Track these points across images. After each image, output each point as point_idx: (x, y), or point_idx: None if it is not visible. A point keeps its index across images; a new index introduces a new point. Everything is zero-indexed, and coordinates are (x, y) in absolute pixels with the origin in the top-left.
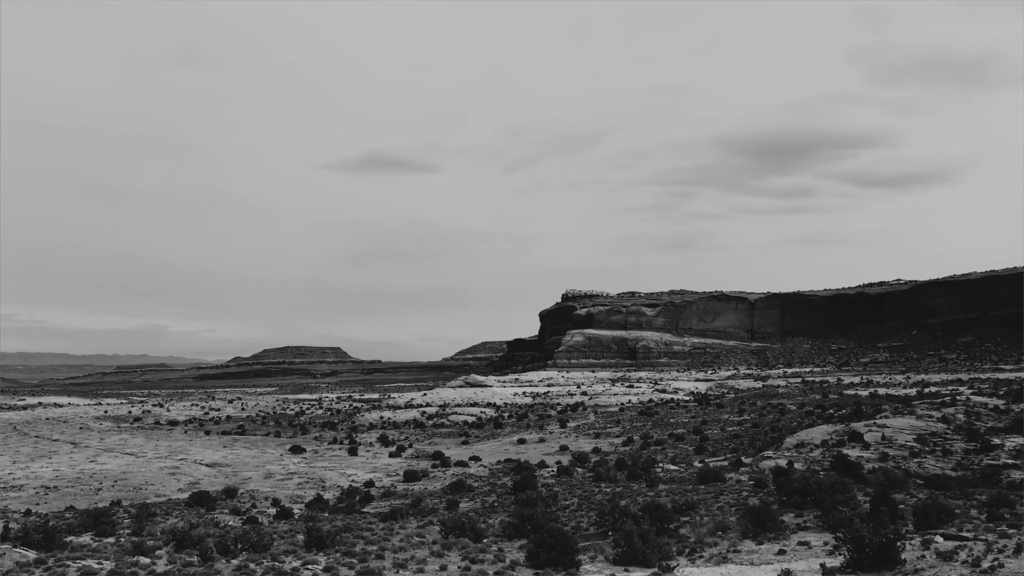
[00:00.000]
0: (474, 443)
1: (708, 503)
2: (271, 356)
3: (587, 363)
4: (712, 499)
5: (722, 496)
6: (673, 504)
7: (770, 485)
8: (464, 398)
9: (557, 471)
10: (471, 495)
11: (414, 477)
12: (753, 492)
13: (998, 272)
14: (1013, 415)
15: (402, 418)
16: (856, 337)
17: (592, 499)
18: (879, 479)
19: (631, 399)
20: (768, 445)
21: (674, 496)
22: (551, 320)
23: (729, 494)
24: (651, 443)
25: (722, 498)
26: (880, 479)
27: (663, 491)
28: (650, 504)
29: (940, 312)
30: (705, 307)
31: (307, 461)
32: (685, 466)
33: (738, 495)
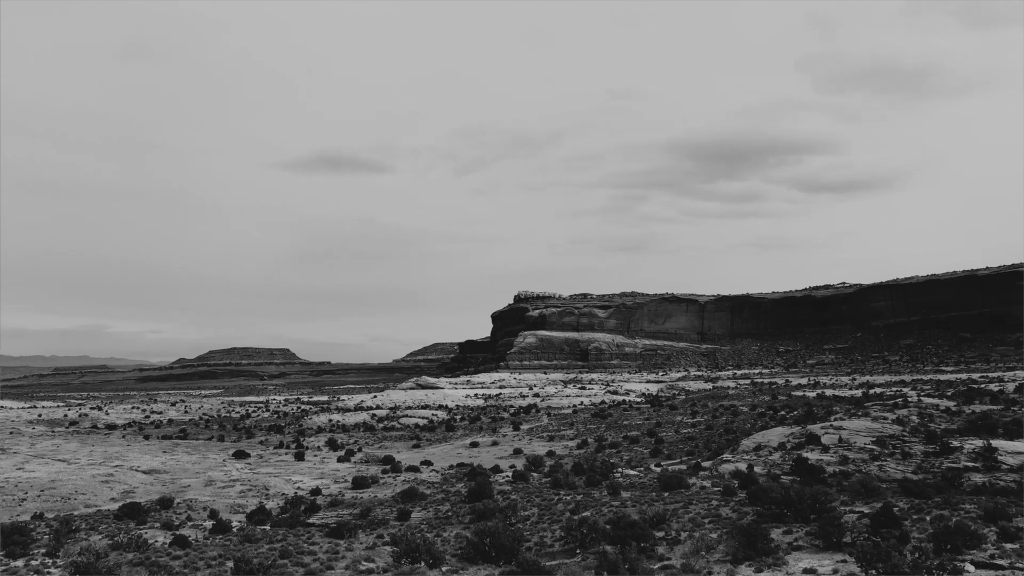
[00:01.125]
0: (426, 447)
1: (679, 514)
2: (217, 357)
3: (539, 365)
4: (681, 509)
5: (691, 506)
6: (642, 516)
7: (738, 493)
8: (415, 400)
9: (512, 476)
10: (423, 503)
11: (363, 484)
12: (723, 501)
13: (939, 276)
14: (965, 417)
15: (352, 421)
16: (803, 339)
17: (553, 509)
18: (855, 487)
19: (583, 401)
20: (724, 447)
21: (640, 506)
22: (503, 321)
23: (698, 503)
24: (606, 446)
25: (692, 508)
26: (857, 487)
27: (627, 500)
28: (620, 518)
29: (883, 315)
30: (656, 309)
31: (251, 467)
32: (644, 470)
33: (708, 505)
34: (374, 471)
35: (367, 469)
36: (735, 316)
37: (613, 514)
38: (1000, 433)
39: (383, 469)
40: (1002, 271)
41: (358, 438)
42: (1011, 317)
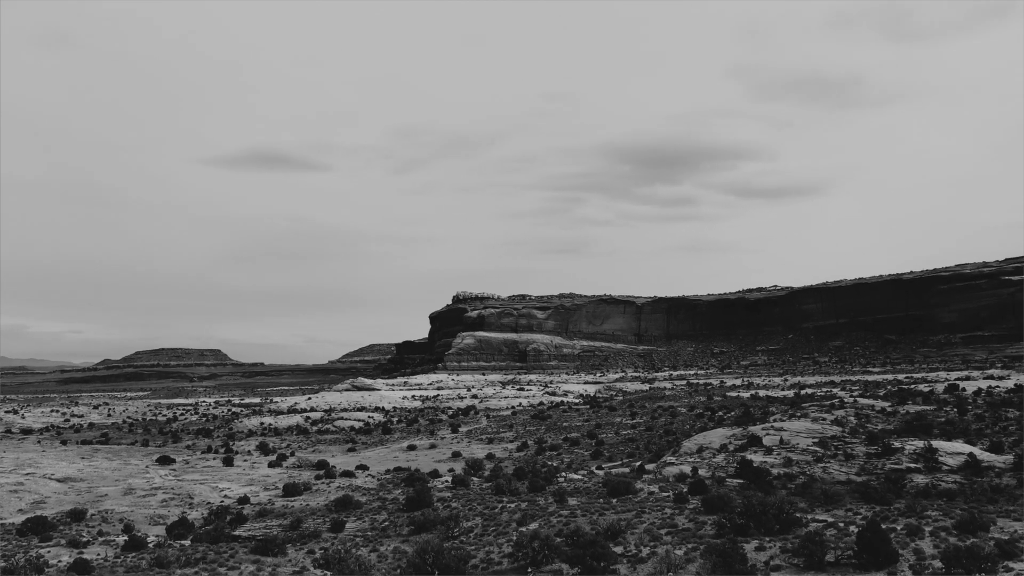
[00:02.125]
0: (362, 450)
1: (633, 525)
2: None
3: (478, 366)
4: (635, 518)
5: (645, 515)
6: (594, 527)
7: (691, 500)
8: (351, 402)
9: (452, 481)
10: (359, 513)
11: (295, 491)
12: (677, 509)
13: (866, 280)
14: (900, 417)
15: (284, 424)
16: (737, 340)
17: (498, 519)
18: (816, 493)
19: (522, 402)
20: (665, 449)
21: (591, 515)
22: (441, 322)
23: (651, 512)
24: (546, 448)
25: (646, 517)
26: (816, 493)
27: (575, 508)
28: (575, 532)
29: (814, 317)
30: (594, 310)
31: (176, 473)
32: (587, 474)
33: (662, 513)
34: (307, 476)
35: (299, 475)
36: (671, 317)
37: (564, 525)
38: (936, 434)
39: (316, 475)
40: (925, 275)
41: (291, 442)
42: (933, 320)
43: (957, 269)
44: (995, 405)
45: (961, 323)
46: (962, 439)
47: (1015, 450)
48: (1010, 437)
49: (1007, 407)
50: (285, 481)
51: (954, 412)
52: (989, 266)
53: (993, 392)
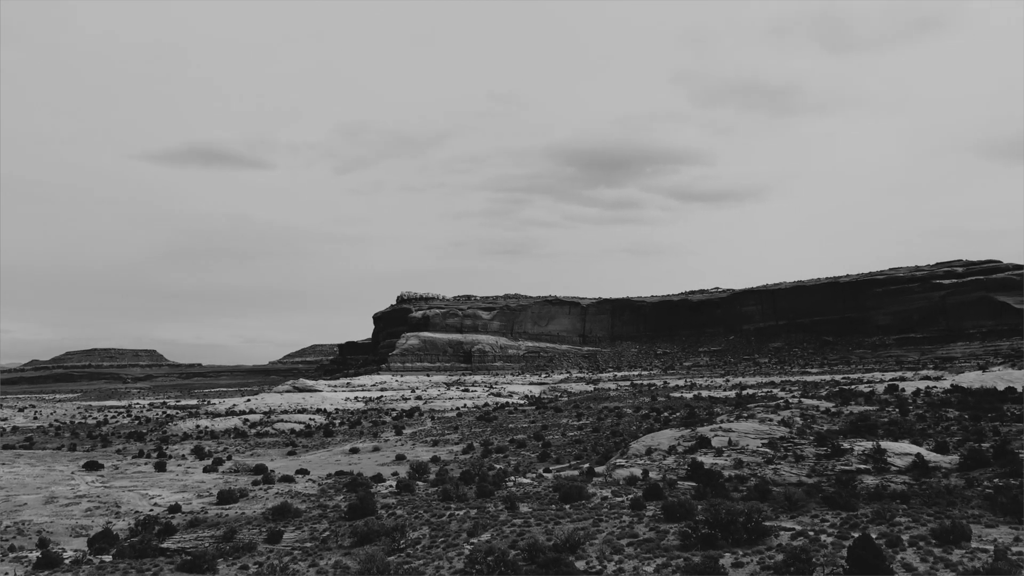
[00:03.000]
0: (302, 453)
1: (591, 535)
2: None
3: (422, 367)
4: (592, 527)
5: (602, 523)
6: (550, 537)
7: (648, 506)
8: (292, 404)
9: (397, 486)
10: (298, 521)
11: (230, 498)
12: (635, 516)
13: (804, 283)
14: (845, 417)
15: (222, 427)
16: (679, 342)
17: (446, 528)
18: (779, 499)
19: (467, 403)
20: (612, 450)
21: (545, 524)
22: (385, 323)
23: (609, 520)
24: (492, 450)
25: (603, 526)
26: (781, 500)
27: (528, 516)
28: (531, 547)
29: (754, 319)
30: (540, 311)
31: (103, 480)
32: (537, 478)
33: (620, 521)
34: (244, 482)
35: (236, 480)
36: (615, 319)
37: (518, 536)
38: (881, 434)
39: (254, 480)
40: (860, 279)
41: (228, 445)
42: (868, 322)
43: (891, 273)
44: (935, 405)
45: (894, 325)
46: (908, 439)
47: (959, 450)
48: (953, 437)
49: (946, 407)
50: (220, 487)
51: (896, 412)
52: (921, 270)
53: (931, 392)
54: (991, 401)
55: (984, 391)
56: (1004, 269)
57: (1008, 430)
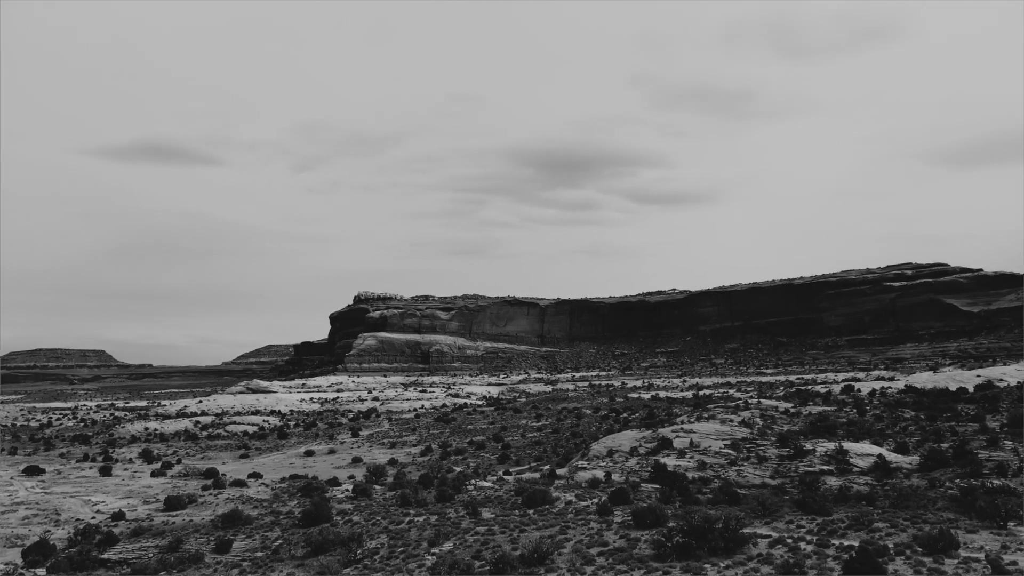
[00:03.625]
0: (255, 456)
1: (559, 543)
2: (19, 359)
3: (379, 367)
4: (560, 535)
5: (570, 530)
6: (515, 546)
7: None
8: (245, 405)
9: (353, 491)
10: (249, 529)
11: (178, 504)
12: (603, 522)
13: (759, 285)
14: (804, 418)
15: (172, 429)
16: (637, 342)
17: (406, 537)
18: (753, 505)
19: (425, 404)
20: (573, 452)
21: (510, 531)
22: (342, 323)
23: (577, 527)
24: (451, 452)
25: (572, 533)
26: (754, 504)
27: (491, 522)
28: (499, 560)
29: (710, 320)
30: (498, 312)
31: (44, 486)
32: (498, 481)
33: (588, 528)
34: (193, 487)
35: (185, 485)
36: (574, 320)
37: (482, 545)
38: (841, 435)
39: (204, 484)
40: (814, 281)
41: (178, 448)
42: (821, 323)
43: (843, 275)
44: (891, 406)
45: (846, 326)
46: (868, 440)
47: (919, 451)
48: (913, 438)
49: (902, 407)
50: (168, 493)
51: (854, 412)
52: (872, 273)
53: (887, 393)
54: (946, 401)
55: (937, 391)
56: (951, 272)
57: (964, 430)
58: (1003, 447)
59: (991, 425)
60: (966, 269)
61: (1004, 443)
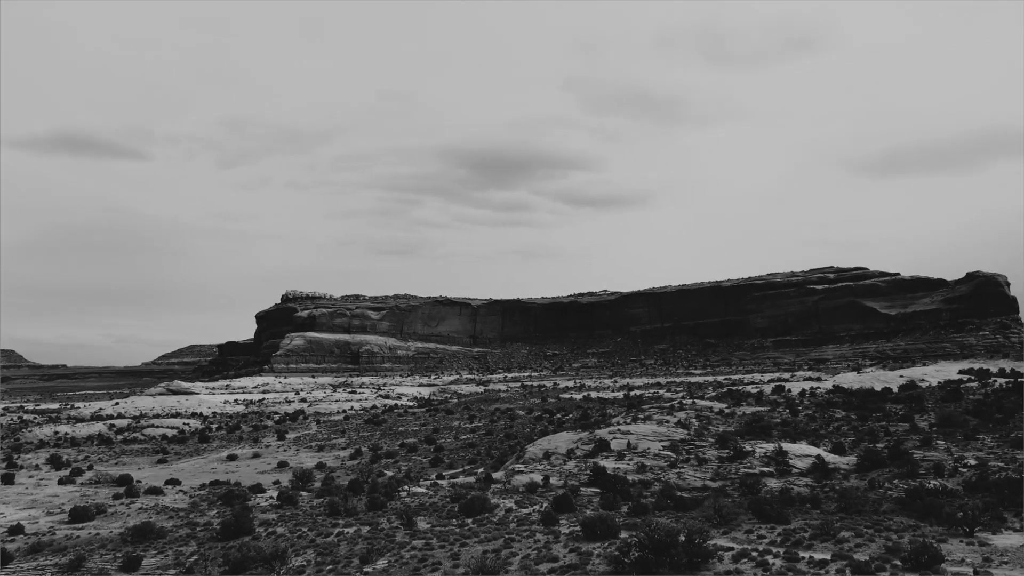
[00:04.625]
0: (174, 461)
1: (506, 560)
2: None
3: (307, 368)
4: (505, 549)
5: (515, 543)
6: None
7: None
8: (165, 407)
9: (278, 498)
10: (161, 544)
11: (85, 516)
12: (549, 534)
13: (688, 286)
14: (738, 418)
15: (84, 432)
16: (569, 343)
17: (335, 552)
18: (708, 513)
19: (354, 405)
20: (507, 454)
21: (449, 545)
22: (269, 322)
23: (521, 539)
24: (382, 455)
25: (517, 547)
26: (710, 512)
27: (429, 535)
28: None
29: (641, 321)
30: (430, 312)
31: None
32: (432, 486)
33: (535, 540)
34: (104, 496)
35: (95, 494)
36: (506, 320)
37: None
38: (776, 435)
39: (116, 493)
40: (741, 283)
41: (90, 453)
42: (747, 325)
43: (769, 278)
44: (822, 406)
45: (772, 328)
46: (805, 441)
47: (856, 451)
48: (848, 438)
49: (832, 407)
50: (76, 502)
51: (787, 413)
52: (796, 276)
53: (816, 393)
54: (875, 401)
55: (865, 391)
56: (871, 276)
57: (896, 430)
58: (936, 447)
59: (920, 424)
60: (884, 273)
61: (937, 443)
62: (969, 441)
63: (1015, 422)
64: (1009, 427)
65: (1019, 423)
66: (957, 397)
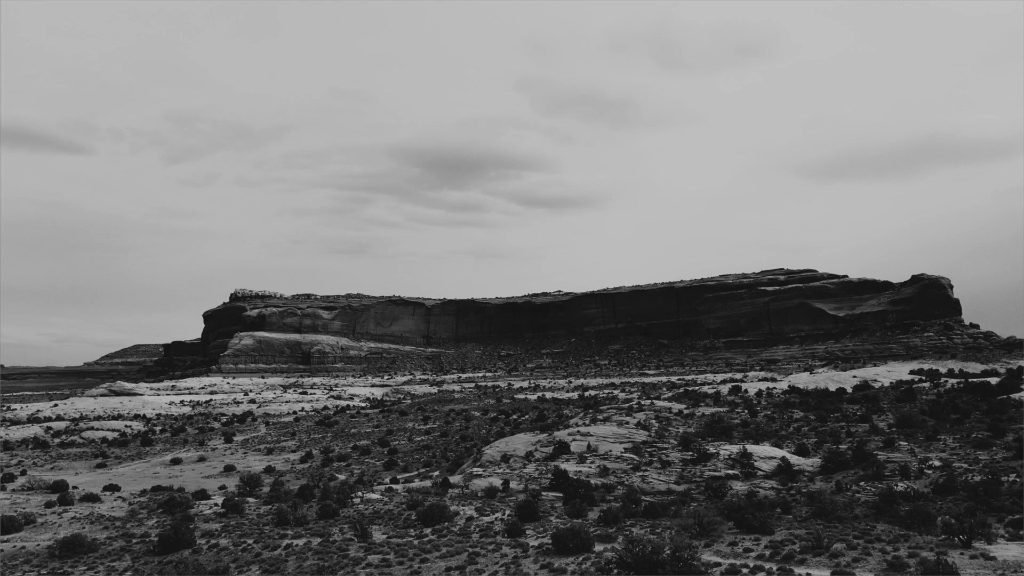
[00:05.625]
0: (114, 466)
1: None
2: None
3: (257, 368)
4: (469, 565)
5: (480, 558)
6: None
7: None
8: (107, 409)
9: (223, 505)
10: (92, 559)
11: (11, 526)
12: (517, 548)
13: (642, 287)
14: (698, 419)
15: (19, 436)
16: (523, 343)
17: (283, 569)
18: (688, 523)
19: (305, 407)
20: (464, 456)
21: (408, 562)
22: (217, 321)
23: (487, 553)
24: (333, 458)
25: (482, 562)
26: (689, 522)
27: (386, 549)
28: None
29: (595, 321)
30: (383, 312)
31: None
32: (387, 491)
33: (502, 554)
34: (36, 504)
35: (27, 501)
36: (460, 320)
37: None
38: (736, 436)
39: (49, 501)
40: (693, 284)
41: (24, 457)
42: (700, 325)
43: (721, 280)
44: (780, 406)
45: (723, 329)
46: (768, 442)
47: (819, 452)
48: (810, 439)
49: (790, 408)
50: (5, 512)
51: (746, 413)
52: (748, 278)
53: (772, 393)
54: (832, 402)
55: (819, 392)
56: (820, 278)
57: (856, 430)
58: (899, 448)
59: (880, 425)
60: (833, 275)
61: (899, 444)
62: (931, 442)
63: (972, 422)
64: (967, 427)
65: (976, 423)
66: (911, 397)
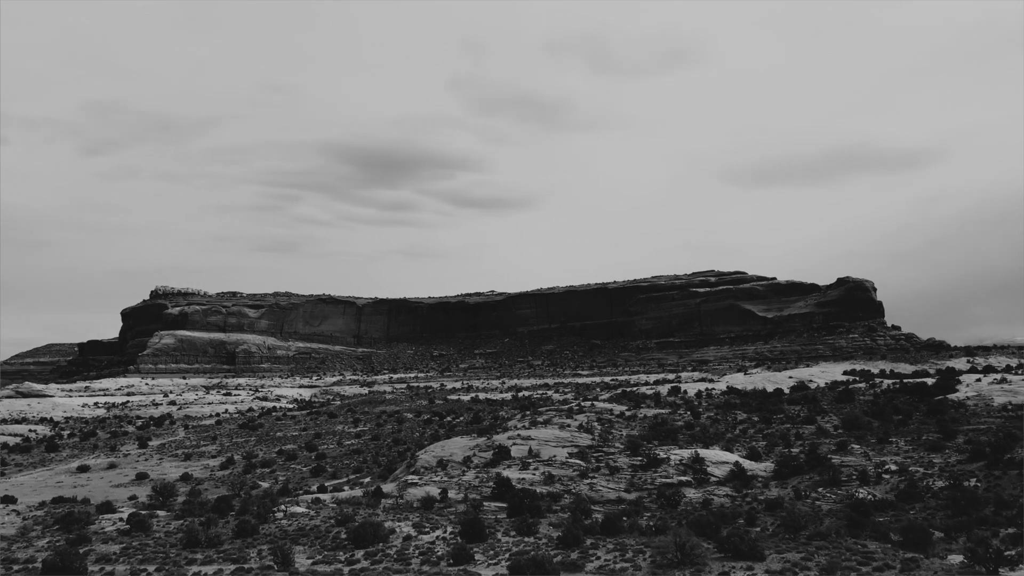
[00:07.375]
0: (13, 474)
1: None
2: None
3: (178, 368)
4: None
5: None
6: None
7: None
8: (12, 412)
9: (128, 520)
10: None
11: None
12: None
13: (575, 288)
14: (640, 421)
15: None
16: (456, 343)
17: None
18: (665, 546)
19: (229, 408)
20: (396, 461)
21: None
22: (136, 320)
23: None
24: (256, 464)
25: None
26: (667, 545)
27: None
28: None
29: (528, 322)
30: (312, 310)
31: None
32: (314, 503)
33: None
34: None
35: None
36: (392, 320)
37: None
38: (682, 440)
39: None
40: (626, 285)
41: None
42: (632, 326)
43: (653, 281)
44: (722, 408)
45: (656, 330)
46: (719, 446)
47: (771, 456)
48: (759, 442)
49: (732, 409)
50: None
51: (689, 415)
52: (680, 279)
53: (712, 394)
54: (772, 403)
55: (759, 393)
56: (749, 280)
57: (804, 432)
58: (852, 451)
59: (826, 426)
60: (762, 278)
61: (852, 447)
62: (883, 444)
63: (916, 423)
64: (914, 429)
65: (922, 425)
66: (850, 398)
